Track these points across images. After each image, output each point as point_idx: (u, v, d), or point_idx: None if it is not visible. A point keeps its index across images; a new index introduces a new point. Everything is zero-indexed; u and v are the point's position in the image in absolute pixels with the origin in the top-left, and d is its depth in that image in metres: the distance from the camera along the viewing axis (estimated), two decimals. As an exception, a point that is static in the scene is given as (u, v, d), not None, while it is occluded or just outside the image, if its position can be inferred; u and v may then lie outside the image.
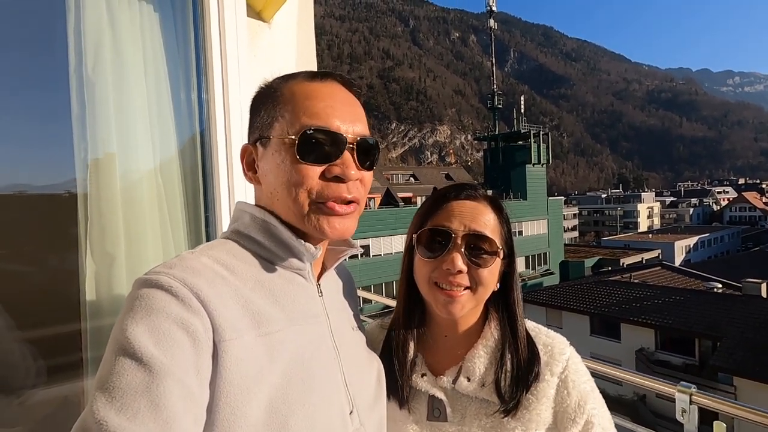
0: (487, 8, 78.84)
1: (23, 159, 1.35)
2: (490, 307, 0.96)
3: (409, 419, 0.90)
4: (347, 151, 0.75)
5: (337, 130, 0.74)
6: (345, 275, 0.99)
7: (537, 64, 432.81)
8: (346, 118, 0.76)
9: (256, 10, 1.75)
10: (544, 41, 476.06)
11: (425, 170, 51.48)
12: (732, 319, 16.92)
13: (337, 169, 0.74)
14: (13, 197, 1.35)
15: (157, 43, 1.41)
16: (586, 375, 0.90)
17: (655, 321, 18.55)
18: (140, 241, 1.30)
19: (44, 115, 1.39)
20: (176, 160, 1.45)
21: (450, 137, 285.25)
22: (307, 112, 0.74)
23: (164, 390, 0.55)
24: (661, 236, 55.83)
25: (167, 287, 0.62)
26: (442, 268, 0.86)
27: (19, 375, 1.23)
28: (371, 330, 1.05)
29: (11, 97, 1.33)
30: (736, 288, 21.61)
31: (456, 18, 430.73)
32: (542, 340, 0.92)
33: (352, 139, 0.75)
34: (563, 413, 0.86)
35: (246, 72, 1.61)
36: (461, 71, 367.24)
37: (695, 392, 1.31)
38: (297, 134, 0.72)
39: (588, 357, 1.34)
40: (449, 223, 0.88)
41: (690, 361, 18.16)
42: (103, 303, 1.24)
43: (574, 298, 22.17)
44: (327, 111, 0.74)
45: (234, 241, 0.78)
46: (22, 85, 1.35)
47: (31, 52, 1.36)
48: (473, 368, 0.89)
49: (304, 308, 0.77)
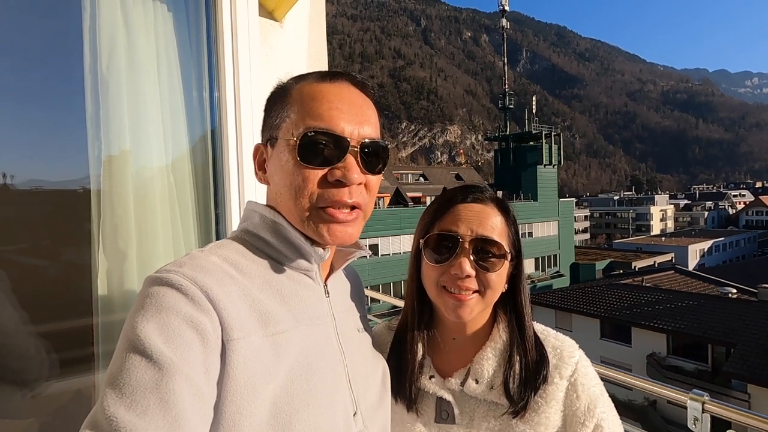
0: (500, 7, 78.36)
1: (39, 155, 1.38)
2: (498, 309, 0.95)
3: (416, 421, 0.90)
4: (350, 155, 0.73)
5: (340, 133, 0.72)
6: (353, 276, 0.99)
7: (549, 63, 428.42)
8: (353, 120, 0.74)
9: (268, 9, 1.76)
10: (557, 41, 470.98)
11: (435, 170, 51.33)
12: (747, 325, 16.56)
13: (339, 173, 0.72)
14: (30, 192, 1.37)
15: (170, 42, 1.43)
16: (596, 378, 0.90)
17: (667, 326, 18.26)
18: (152, 239, 1.32)
19: (60, 113, 1.41)
20: (188, 159, 1.46)
21: (460, 137, 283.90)
22: (311, 113, 0.73)
23: (174, 387, 0.55)
24: (675, 239, 54.96)
25: (177, 285, 0.62)
26: (451, 273, 0.86)
27: (33, 368, 1.25)
28: (379, 331, 1.04)
29: (28, 95, 1.36)
30: (752, 293, 21.19)
31: (468, 17, 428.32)
32: (551, 343, 0.92)
33: (356, 142, 0.74)
34: (572, 416, 0.85)
35: (257, 71, 1.62)
36: (473, 71, 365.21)
37: (708, 400, 1.28)
38: (299, 136, 0.72)
39: (598, 361, 1.32)
40: (456, 227, 0.87)
41: (702, 367, 17.85)
42: (114, 299, 1.26)
43: (585, 301, 21.92)
44: (332, 113, 0.73)
45: (243, 241, 0.78)
46: (39, 84, 1.38)
47: (47, 52, 1.39)
48: (481, 370, 0.89)
49: (311, 309, 0.77)
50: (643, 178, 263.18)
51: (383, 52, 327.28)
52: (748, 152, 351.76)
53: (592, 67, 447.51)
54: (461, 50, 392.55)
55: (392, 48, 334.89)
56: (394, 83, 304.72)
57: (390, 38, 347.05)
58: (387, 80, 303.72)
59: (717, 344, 17.22)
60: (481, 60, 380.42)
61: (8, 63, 1.31)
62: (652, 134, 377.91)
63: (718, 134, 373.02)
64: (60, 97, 1.41)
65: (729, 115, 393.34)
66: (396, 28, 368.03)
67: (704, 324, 17.54)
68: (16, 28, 1.32)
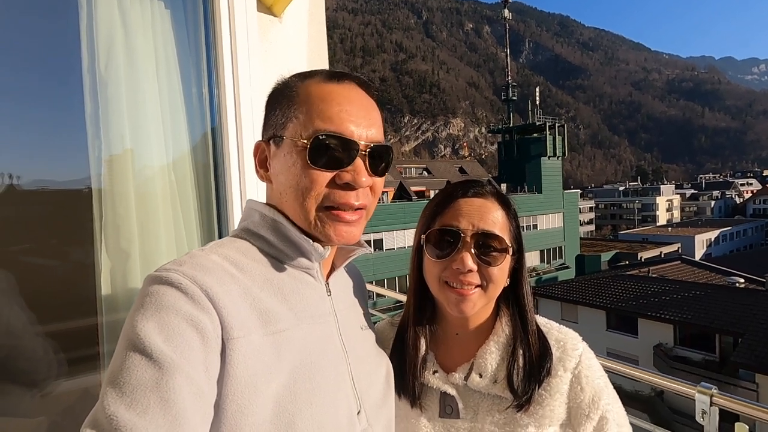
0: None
1: (40, 156, 1.38)
2: (500, 304, 0.95)
3: (421, 416, 0.90)
4: (359, 158, 0.73)
5: (350, 136, 0.73)
6: (355, 274, 0.98)
7: (553, 54, 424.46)
8: (361, 122, 0.74)
9: (267, 4, 1.75)
10: (560, 30, 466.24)
11: (438, 164, 51.13)
12: (754, 314, 16.45)
13: (348, 176, 0.73)
14: (32, 193, 1.38)
15: (168, 40, 1.42)
16: (600, 371, 0.90)
17: (674, 316, 18.18)
18: (154, 237, 1.32)
19: (59, 113, 1.41)
20: (188, 157, 1.46)
21: (464, 130, 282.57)
22: (321, 115, 0.72)
23: (174, 386, 0.55)
24: (681, 230, 54.58)
25: (177, 284, 0.62)
26: (452, 268, 0.86)
27: (40, 368, 1.27)
28: (382, 328, 1.04)
29: (28, 95, 1.36)
30: (759, 283, 21.05)
31: (470, 9, 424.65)
32: (554, 336, 0.92)
33: (365, 145, 0.74)
34: (577, 408, 0.85)
35: (257, 67, 1.61)
36: (475, 63, 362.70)
37: (716, 393, 1.26)
38: (309, 138, 0.71)
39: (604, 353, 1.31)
40: (457, 222, 0.87)
41: (710, 357, 17.79)
42: (118, 298, 1.26)
43: (590, 293, 21.87)
44: (341, 115, 0.73)
45: (244, 239, 0.78)
46: (38, 85, 1.38)
47: (46, 52, 1.38)
48: (485, 364, 0.89)
49: (312, 307, 0.76)
50: (648, 169, 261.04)
51: (385, 45, 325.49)
52: (755, 140, 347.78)
53: (596, 57, 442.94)
54: (463, 42, 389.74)
55: (394, 41, 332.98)
56: (396, 77, 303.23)
57: (391, 31, 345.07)
58: (389, 74, 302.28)
59: (724, 334, 17.14)
60: (483, 52, 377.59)
61: (6, 63, 1.30)
62: (658, 124, 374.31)
63: (724, 122, 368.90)
64: (59, 97, 1.41)
65: (736, 103, 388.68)
66: (397, 21, 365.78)
67: (711, 314, 17.45)
68: (14, 28, 1.31)
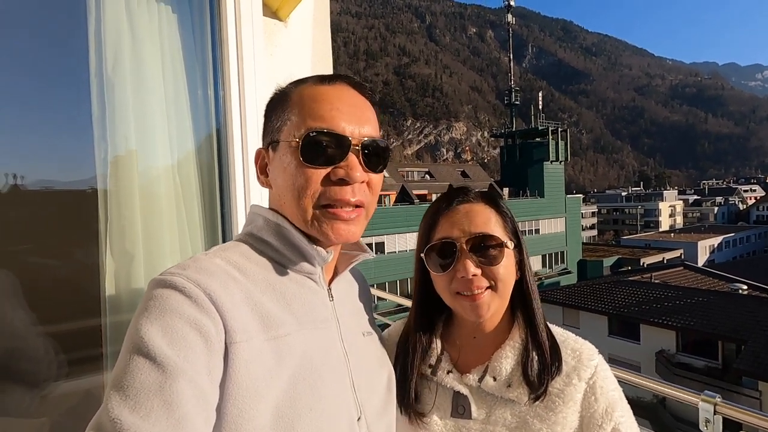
0: (505, 3, 77.62)
1: (47, 157, 1.39)
2: (516, 310, 0.96)
3: (432, 415, 0.91)
4: (352, 153, 0.74)
5: (341, 132, 0.74)
6: (359, 279, 0.98)
7: (556, 59, 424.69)
8: (353, 120, 0.75)
9: (272, 9, 1.76)
10: (563, 36, 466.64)
11: (441, 167, 51.17)
12: (758, 321, 16.35)
13: (342, 172, 0.73)
14: (38, 194, 1.39)
15: (174, 43, 1.43)
16: (615, 383, 0.91)
17: (676, 322, 18.08)
18: (158, 239, 1.32)
19: (66, 115, 1.42)
20: (193, 160, 1.47)
21: (466, 134, 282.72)
22: (313, 114, 0.74)
23: (177, 390, 0.56)
24: (684, 235, 54.30)
25: (181, 288, 0.62)
26: (458, 277, 0.88)
27: (43, 368, 1.27)
28: (396, 330, 1.04)
29: (36, 96, 1.37)
30: (763, 290, 20.91)
31: (473, 13, 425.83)
32: (570, 345, 0.93)
33: (358, 141, 0.75)
34: (590, 419, 0.86)
35: (262, 71, 1.61)
36: (478, 67, 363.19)
37: (720, 402, 1.26)
38: (301, 137, 0.73)
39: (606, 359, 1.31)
40: (450, 233, 0.89)
41: (713, 364, 17.66)
42: (122, 299, 1.26)
43: (592, 298, 21.77)
44: (333, 113, 0.74)
45: (247, 244, 0.79)
46: (46, 86, 1.39)
47: (53, 54, 1.40)
48: (500, 368, 0.90)
49: (314, 312, 0.77)
50: (651, 174, 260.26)
51: (388, 49, 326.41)
52: (758, 146, 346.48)
53: (599, 62, 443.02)
54: (466, 46, 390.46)
55: (397, 45, 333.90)
56: (399, 80, 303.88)
57: (395, 35, 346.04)
58: (392, 77, 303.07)
59: (727, 341, 17.03)
60: (486, 56, 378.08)
61: (16, 66, 1.32)
62: (661, 129, 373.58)
63: (727, 128, 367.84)
64: (66, 99, 1.42)
65: (739, 108, 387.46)
66: (401, 25, 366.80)
67: (714, 321, 17.34)
68: (23, 32, 1.32)
